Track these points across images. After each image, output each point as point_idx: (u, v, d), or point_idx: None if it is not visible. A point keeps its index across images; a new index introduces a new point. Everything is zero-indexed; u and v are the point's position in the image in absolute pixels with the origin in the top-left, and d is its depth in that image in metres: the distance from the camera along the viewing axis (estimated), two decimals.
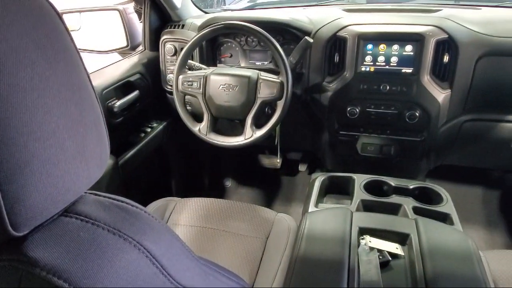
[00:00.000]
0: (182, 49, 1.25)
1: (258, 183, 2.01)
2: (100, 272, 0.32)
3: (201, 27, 1.41)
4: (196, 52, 1.42)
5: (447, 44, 1.17)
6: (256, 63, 1.47)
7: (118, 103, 1.27)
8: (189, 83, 1.24)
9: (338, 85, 1.29)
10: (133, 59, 1.45)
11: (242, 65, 1.49)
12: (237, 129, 1.33)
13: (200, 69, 1.32)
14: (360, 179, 1.06)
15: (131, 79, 1.36)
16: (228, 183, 2.04)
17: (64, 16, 1.52)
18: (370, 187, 1.04)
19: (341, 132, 1.37)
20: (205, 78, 1.23)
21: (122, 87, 1.32)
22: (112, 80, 1.28)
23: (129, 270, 0.34)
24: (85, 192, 0.40)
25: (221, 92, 1.21)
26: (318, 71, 1.31)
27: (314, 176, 1.12)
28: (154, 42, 1.51)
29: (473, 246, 0.79)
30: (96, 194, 0.40)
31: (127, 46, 1.52)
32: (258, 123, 1.23)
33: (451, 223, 0.91)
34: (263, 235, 1.13)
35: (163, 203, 1.25)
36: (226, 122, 1.42)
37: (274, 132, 1.37)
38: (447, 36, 1.16)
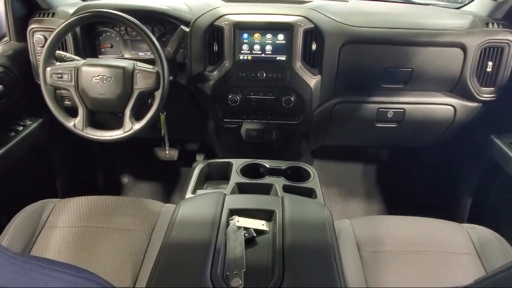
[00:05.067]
0: None
1: (156, 177, 1.97)
2: None
3: (73, 15, 1.32)
4: (69, 42, 1.34)
5: (314, 33, 1.27)
6: (139, 54, 1.44)
7: None
8: (58, 75, 1.16)
9: (219, 73, 1.32)
10: None
11: (126, 56, 1.44)
12: (121, 122, 1.28)
13: (73, 60, 1.24)
14: (237, 164, 1.10)
15: None
16: (125, 179, 1.97)
17: None
18: (247, 170, 1.09)
19: (225, 120, 1.41)
20: (77, 69, 1.16)
21: None
22: None
23: None
24: None
25: (95, 84, 1.16)
26: (199, 61, 1.32)
27: (194, 164, 1.14)
28: (20, 31, 1.38)
29: (328, 215, 0.88)
30: None
31: None
32: (140, 115, 1.21)
33: (315, 196, 1.00)
34: (149, 228, 1.12)
35: (39, 206, 1.17)
36: (109, 115, 1.37)
37: (159, 124, 1.35)
38: (313, 25, 1.26)
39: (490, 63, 1.29)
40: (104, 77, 1.15)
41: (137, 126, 1.17)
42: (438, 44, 1.27)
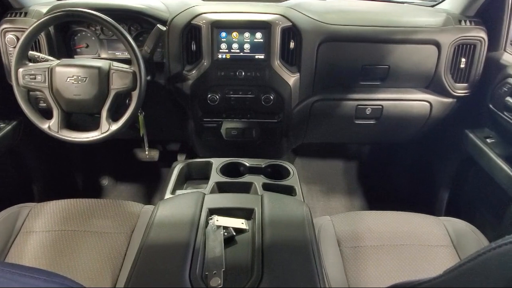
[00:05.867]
0: None
1: (137, 178, 1.95)
2: None
3: (46, 15, 1.29)
4: (43, 43, 1.30)
5: (292, 31, 1.27)
6: (116, 53, 1.42)
7: None
8: (31, 76, 1.13)
9: (197, 73, 1.31)
10: None
11: (102, 56, 1.42)
12: (98, 124, 1.26)
13: (47, 61, 1.21)
14: (217, 163, 1.10)
15: None
16: (105, 181, 1.94)
17: None
18: (227, 169, 1.09)
19: (205, 119, 1.40)
20: (50, 70, 1.14)
21: None
22: None
23: None
24: None
25: (70, 85, 1.13)
26: (177, 60, 1.31)
27: (174, 164, 1.13)
28: None
29: (307, 212, 0.88)
30: None
31: None
32: (118, 116, 1.19)
33: (295, 194, 1.00)
34: (128, 230, 1.10)
35: (14, 211, 1.14)
36: (86, 116, 1.34)
37: (138, 124, 1.33)
38: (291, 24, 1.26)
39: (463, 60, 1.33)
40: (79, 77, 1.13)
41: (115, 127, 1.15)
42: (413, 41, 1.30)
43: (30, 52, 1.19)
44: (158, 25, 1.20)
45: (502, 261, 0.37)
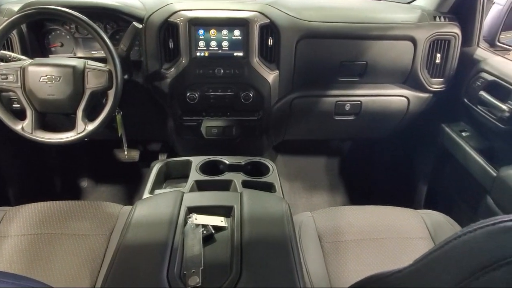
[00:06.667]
0: None
1: (117, 179, 1.92)
2: None
3: (17, 13, 1.25)
4: (15, 42, 1.27)
5: (270, 28, 1.27)
6: (92, 52, 1.39)
7: None
8: (3, 76, 1.10)
9: (176, 71, 1.29)
10: None
11: (78, 54, 1.39)
12: (74, 124, 1.24)
13: (19, 60, 1.18)
14: (196, 161, 1.09)
15: None
16: (84, 183, 1.90)
17: None
18: (207, 168, 1.08)
19: (184, 118, 1.39)
20: (22, 69, 1.11)
21: None
22: None
23: None
24: None
25: (43, 84, 1.11)
26: (155, 58, 1.29)
27: (152, 164, 1.12)
28: None
29: (286, 208, 0.88)
30: None
31: None
32: (94, 116, 1.17)
33: (275, 191, 1.00)
34: (107, 231, 1.08)
35: None
36: (62, 117, 1.31)
37: (116, 124, 1.31)
38: (268, 21, 1.26)
39: (438, 55, 1.35)
40: (53, 77, 1.10)
41: (91, 127, 1.13)
42: (390, 37, 1.31)
43: (2, 51, 1.16)
44: (134, 22, 1.18)
45: (468, 248, 0.38)
